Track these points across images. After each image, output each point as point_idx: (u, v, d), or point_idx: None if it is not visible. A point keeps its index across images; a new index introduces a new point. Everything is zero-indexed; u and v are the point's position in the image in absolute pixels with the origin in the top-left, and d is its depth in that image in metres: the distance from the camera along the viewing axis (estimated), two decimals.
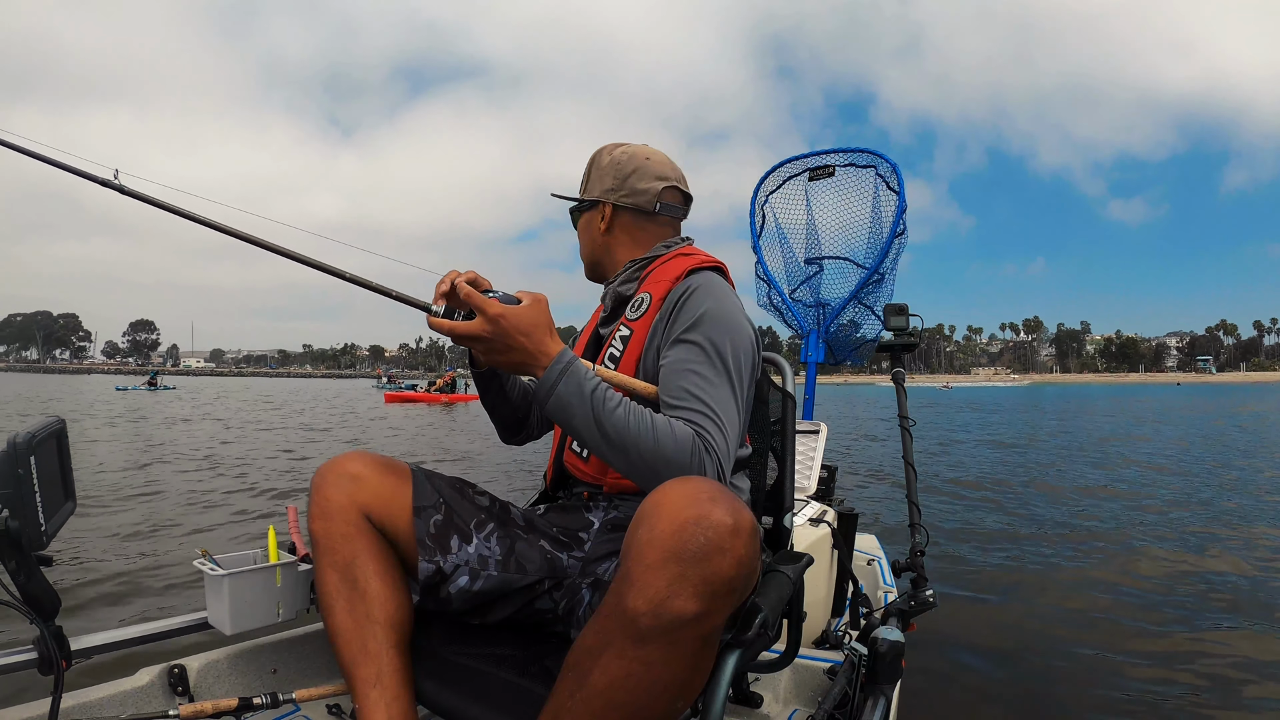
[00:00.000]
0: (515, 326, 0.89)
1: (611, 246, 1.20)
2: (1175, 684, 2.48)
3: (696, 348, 0.99)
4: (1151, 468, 8.84)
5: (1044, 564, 4.19)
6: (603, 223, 1.19)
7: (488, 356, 0.92)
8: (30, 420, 0.83)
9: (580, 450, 1.14)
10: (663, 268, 1.15)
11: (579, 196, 1.24)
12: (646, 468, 0.88)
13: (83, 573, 3.55)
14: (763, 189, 3.02)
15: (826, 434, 2.51)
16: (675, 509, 0.71)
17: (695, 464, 0.89)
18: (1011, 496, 6.72)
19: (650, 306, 1.10)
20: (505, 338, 0.89)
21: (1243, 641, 2.87)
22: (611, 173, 1.19)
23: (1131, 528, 5.19)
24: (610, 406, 0.89)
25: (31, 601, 0.83)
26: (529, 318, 0.90)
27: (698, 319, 1.02)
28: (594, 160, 1.23)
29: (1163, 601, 3.43)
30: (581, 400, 0.89)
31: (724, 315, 1.03)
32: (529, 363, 0.91)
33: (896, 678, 1.30)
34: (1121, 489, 7.07)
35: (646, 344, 1.08)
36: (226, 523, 4.90)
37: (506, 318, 0.88)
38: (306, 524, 1.03)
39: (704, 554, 0.69)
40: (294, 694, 1.16)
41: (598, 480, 1.12)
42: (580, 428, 0.90)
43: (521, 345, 0.89)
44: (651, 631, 0.70)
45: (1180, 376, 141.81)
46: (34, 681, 0.93)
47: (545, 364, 0.90)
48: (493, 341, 0.89)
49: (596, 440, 0.90)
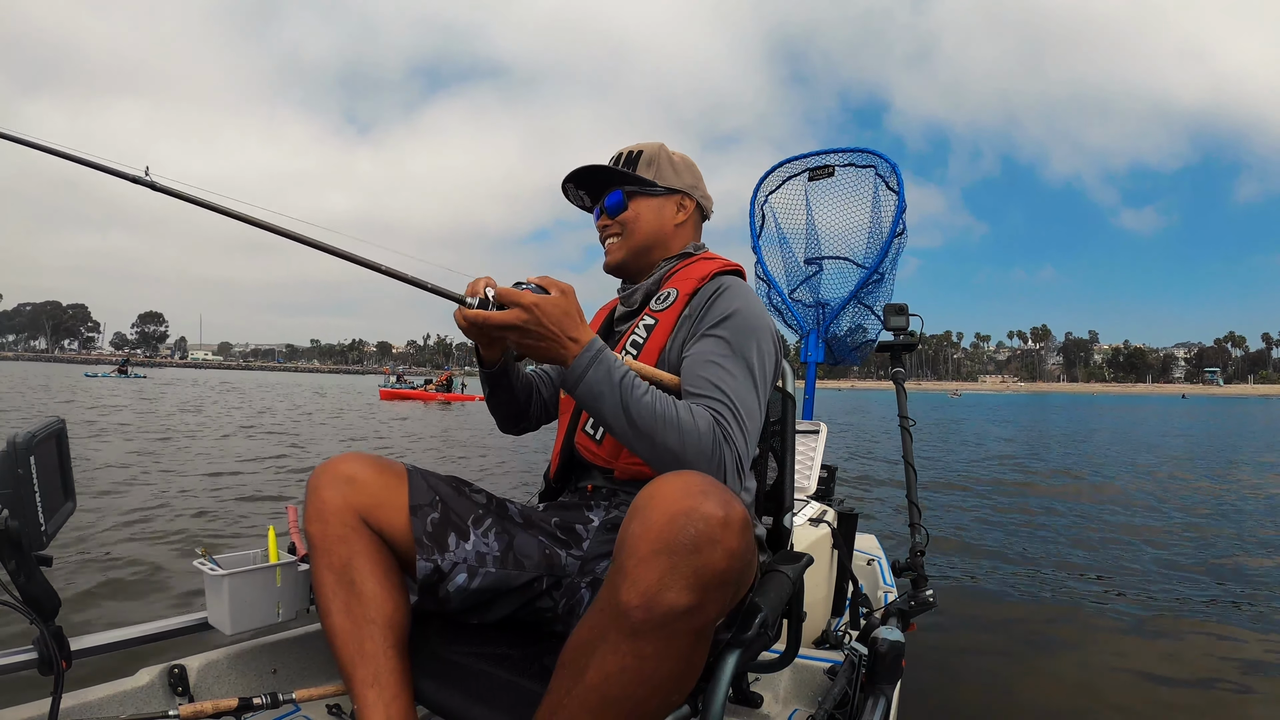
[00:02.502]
0: (548, 315, 0.91)
1: (677, 237, 1.25)
2: (1176, 684, 2.48)
3: (723, 342, 1.04)
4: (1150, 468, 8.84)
5: (1044, 563, 4.19)
6: (681, 213, 1.25)
7: (520, 345, 0.94)
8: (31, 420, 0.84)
9: (594, 433, 1.15)
10: (690, 267, 1.20)
11: (657, 182, 1.23)
12: (670, 454, 0.91)
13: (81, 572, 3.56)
14: (763, 189, 3.02)
15: (826, 434, 2.51)
16: (667, 502, 0.72)
17: (715, 453, 0.92)
18: (1011, 496, 6.72)
19: (677, 300, 1.15)
20: (539, 326, 0.91)
21: (1255, 644, 2.86)
22: (687, 170, 1.26)
23: (1132, 527, 5.19)
24: (638, 394, 0.93)
25: (31, 602, 0.83)
26: (561, 306, 0.93)
27: (727, 316, 1.06)
28: (657, 153, 1.24)
29: (1164, 601, 3.43)
30: (611, 387, 0.92)
31: (752, 317, 1.07)
32: (560, 350, 0.93)
33: (896, 678, 1.31)
34: (1120, 491, 7.07)
35: (671, 335, 1.12)
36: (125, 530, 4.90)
37: (540, 307, 0.91)
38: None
39: (694, 546, 0.69)
40: (294, 694, 1.16)
41: (609, 464, 1.12)
42: (608, 414, 0.93)
43: (554, 333, 0.92)
44: (644, 625, 0.70)
45: (1186, 388, 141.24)
46: (34, 681, 0.93)
47: (576, 351, 0.93)
48: (527, 330, 0.91)
49: (623, 426, 0.93)
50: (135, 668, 1.20)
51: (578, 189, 1.28)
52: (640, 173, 1.22)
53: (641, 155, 1.23)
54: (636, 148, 1.25)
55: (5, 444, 0.79)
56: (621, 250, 1.23)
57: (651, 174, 1.22)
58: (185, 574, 3.59)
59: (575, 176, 1.25)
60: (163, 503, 5.21)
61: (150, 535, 4.43)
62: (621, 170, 1.22)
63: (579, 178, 1.25)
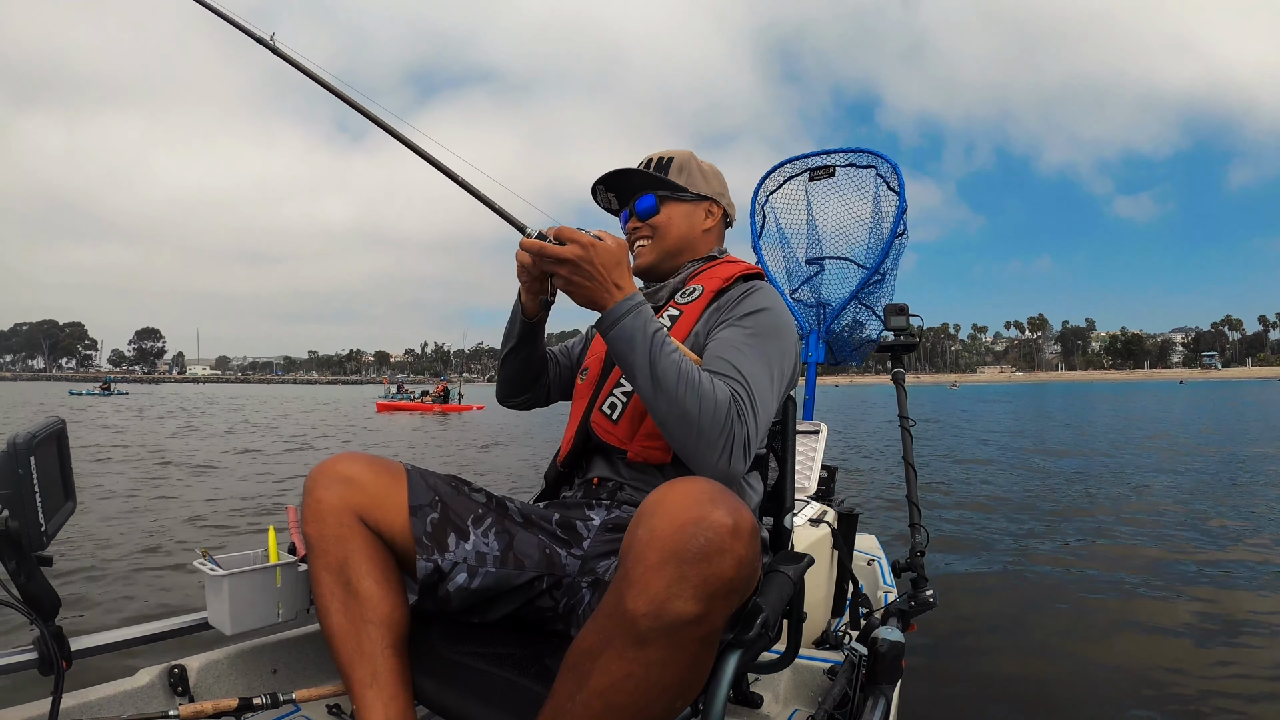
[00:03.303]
0: (601, 258, 0.96)
1: (704, 241, 1.29)
2: (1178, 684, 2.48)
3: (749, 333, 1.06)
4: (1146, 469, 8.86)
5: (1045, 563, 4.19)
6: (709, 219, 1.29)
7: (569, 281, 0.97)
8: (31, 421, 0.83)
9: (610, 412, 1.15)
10: (715, 268, 1.25)
11: (692, 189, 1.27)
12: (687, 417, 0.93)
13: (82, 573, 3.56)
14: (763, 189, 3.02)
15: (826, 434, 2.51)
16: (675, 509, 0.71)
17: (728, 426, 0.93)
18: (1011, 498, 6.72)
19: (703, 295, 1.18)
20: (591, 265, 0.95)
21: (1261, 648, 2.86)
22: (715, 178, 1.31)
23: (1133, 527, 5.19)
24: (667, 350, 0.95)
25: (31, 602, 0.83)
26: (615, 254, 0.97)
27: (755, 312, 1.10)
28: (687, 161, 1.28)
29: (1167, 602, 3.43)
30: (644, 337, 0.95)
31: (779, 318, 1.11)
32: (604, 294, 0.97)
33: (896, 678, 1.30)
34: (1119, 492, 7.08)
35: (696, 324, 1.15)
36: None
37: (596, 248, 0.96)
38: None
39: (704, 555, 0.69)
40: (294, 694, 1.15)
41: (624, 444, 1.12)
42: (636, 363, 0.95)
43: (602, 276, 0.96)
44: (651, 633, 0.70)
45: (1184, 373, 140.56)
46: (34, 681, 0.93)
47: (619, 297, 0.97)
48: (579, 267, 0.95)
49: (647, 379, 0.95)
50: (135, 668, 1.20)
51: (607, 191, 1.29)
52: (671, 178, 1.25)
53: (673, 161, 1.27)
54: (667, 154, 1.28)
55: (5, 444, 0.79)
56: (652, 253, 1.26)
57: (683, 180, 1.26)
58: (185, 574, 3.59)
59: (607, 179, 1.26)
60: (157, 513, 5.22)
61: (150, 536, 4.43)
62: (657, 175, 1.24)
63: (610, 180, 1.26)
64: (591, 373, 1.26)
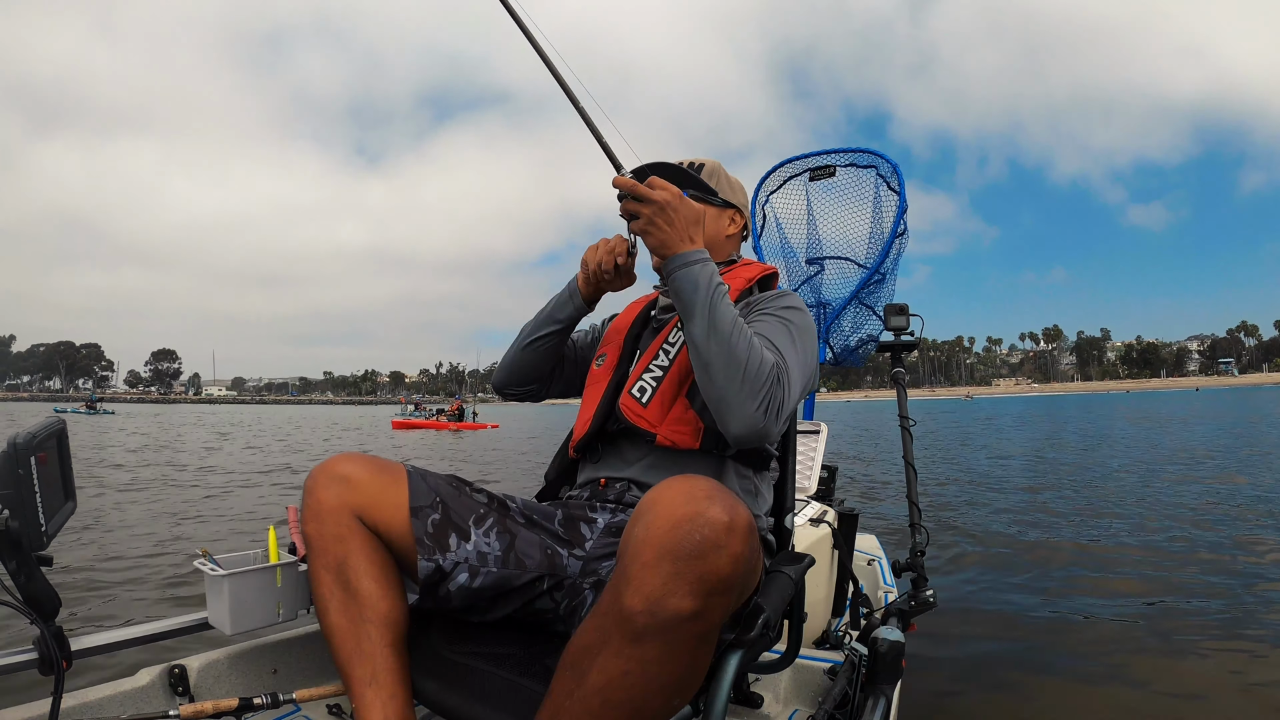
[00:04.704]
0: (686, 211, 1.03)
1: (725, 247, 1.34)
2: (1178, 683, 2.48)
3: (785, 324, 1.11)
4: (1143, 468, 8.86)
5: (1046, 564, 4.19)
6: (732, 226, 1.34)
7: (651, 223, 1.02)
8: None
9: (640, 395, 1.16)
10: (736, 269, 1.31)
11: (720, 195, 1.32)
12: (734, 362, 0.95)
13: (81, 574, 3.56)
14: (763, 189, 3.02)
15: (827, 434, 2.51)
16: (671, 507, 0.72)
17: (769, 386, 0.96)
18: (1012, 495, 6.72)
19: (729, 292, 1.19)
20: (676, 213, 1.01)
21: (1265, 652, 2.85)
22: (740, 190, 1.37)
23: (1134, 528, 5.19)
24: (726, 305, 0.99)
25: (32, 602, 0.82)
26: (697, 213, 1.06)
27: (791, 308, 1.15)
28: (717, 169, 1.34)
29: (1168, 599, 3.43)
30: (708, 287, 0.99)
31: (808, 322, 1.16)
32: (681, 241, 1.02)
33: (897, 678, 1.31)
34: (1121, 493, 7.08)
35: None
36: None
37: (685, 200, 1.03)
38: None
39: (700, 551, 0.69)
40: (294, 694, 1.15)
41: (653, 428, 1.13)
42: (697, 302, 0.99)
43: (682, 226, 1.02)
44: (648, 630, 0.70)
45: (1201, 381, 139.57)
46: (34, 681, 0.93)
47: (691, 248, 1.03)
48: (664, 211, 1.00)
49: (705, 320, 0.98)
50: (135, 668, 1.20)
51: None
52: (706, 185, 1.29)
53: (704, 167, 1.32)
54: (698, 161, 1.33)
55: (6, 444, 0.79)
56: None
57: (713, 185, 1.31)
58: (185, 574, 3.59)
59: (642, 172, 1.26)
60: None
61: (150, 535, 4.43)
62: (694, 175, 1.28)
63: (648, 172, 1.27)
64: (610, 359, 1.28)
